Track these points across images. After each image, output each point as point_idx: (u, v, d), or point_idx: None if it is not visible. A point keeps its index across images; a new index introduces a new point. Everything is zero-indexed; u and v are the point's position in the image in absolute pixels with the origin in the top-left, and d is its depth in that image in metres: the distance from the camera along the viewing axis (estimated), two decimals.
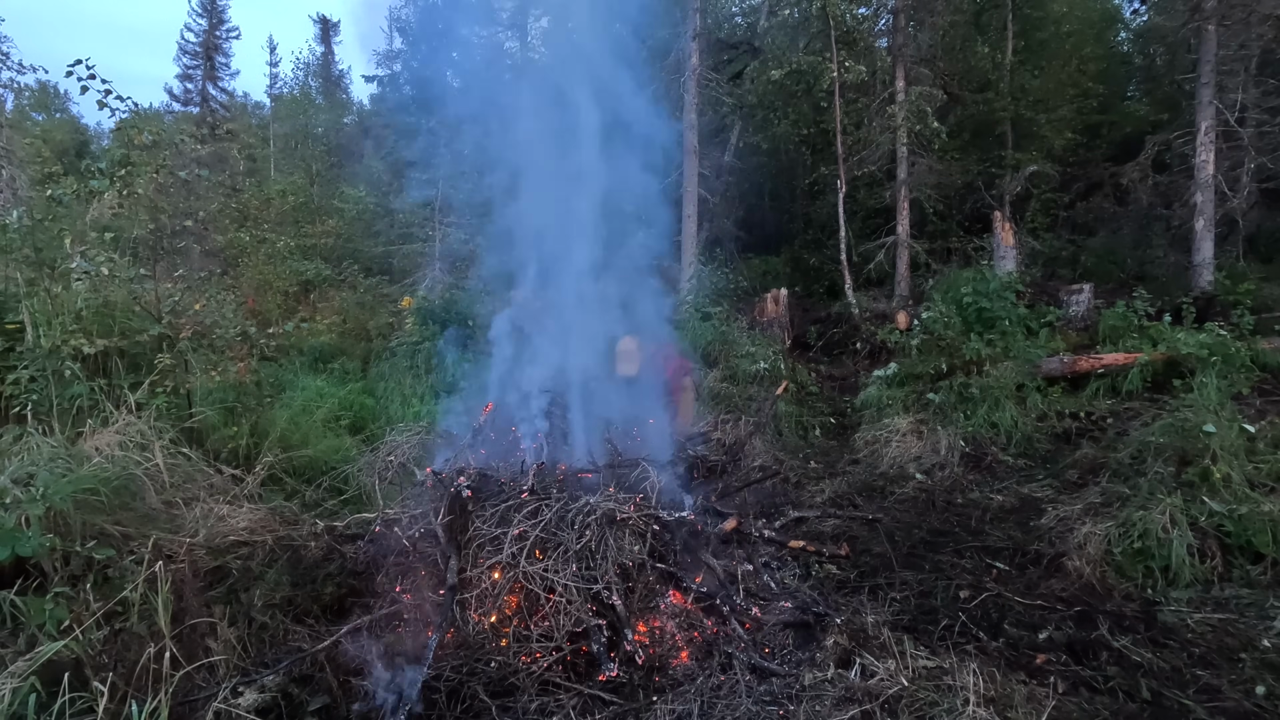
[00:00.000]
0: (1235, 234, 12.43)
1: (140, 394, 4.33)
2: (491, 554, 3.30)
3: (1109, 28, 18.25)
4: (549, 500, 3.51)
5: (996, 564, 4.10)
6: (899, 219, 12.94)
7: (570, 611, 3.08)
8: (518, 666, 2.92)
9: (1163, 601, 3.55)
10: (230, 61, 31.14)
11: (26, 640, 2.53)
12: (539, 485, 3.68)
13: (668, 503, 3.85)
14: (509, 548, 3.26)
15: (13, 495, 2.99)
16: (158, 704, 2.23)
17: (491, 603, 3.17)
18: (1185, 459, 4.48)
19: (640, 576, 3.31)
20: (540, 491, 3.62)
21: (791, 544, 3.77)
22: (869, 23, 14.15)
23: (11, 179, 13.24)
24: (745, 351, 8.25)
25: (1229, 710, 2.71)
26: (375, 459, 5.13)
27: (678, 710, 2.73)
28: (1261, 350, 6.69)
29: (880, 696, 2.63)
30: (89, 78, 4.91)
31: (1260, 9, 10.81)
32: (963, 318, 8.13)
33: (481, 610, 3.14)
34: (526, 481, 3.68)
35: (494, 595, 3.18)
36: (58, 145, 23.84)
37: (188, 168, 5.94)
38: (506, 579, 3.20)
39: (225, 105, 30.91)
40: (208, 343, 5.22)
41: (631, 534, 3.37)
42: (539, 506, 3.48)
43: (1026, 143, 14.40)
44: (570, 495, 3.56)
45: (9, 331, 4.33)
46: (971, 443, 6.09)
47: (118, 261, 4.94)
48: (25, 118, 28.44)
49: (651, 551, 3.42)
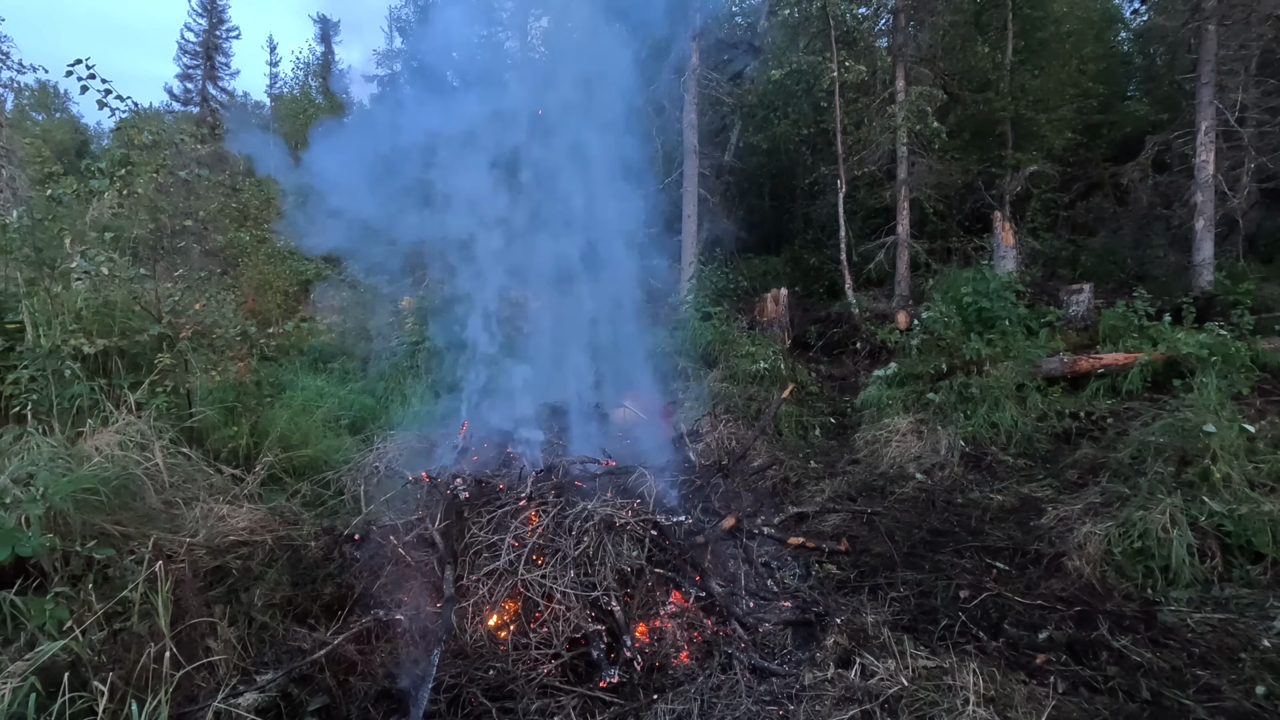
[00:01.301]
0: (1235, 234, 12.42)
1: (140, 394, 4.33)
2: (489, 560, 3.29)
3: (1109, 27, 18.25)
4: (546, 506, 3.50)
5: (996, 564, 4.10)
6: (899, 219, 12.94)
7: (569, 618, 3.06)
8: (517, 674, 2.91)
9: (1163, 601, 3.55)
10: (230, 61, 31.18)
11: (27, 640, 2.53)
12: (536, 492, 3.66)
13: (667, 506, 3.83)
14: (506, 555, 3.25)
15: (13, 495, 2.99)
16: (158, 704, 2.23)
17: (490, 610, 3.16)
18: (1185, 459, 4.48)
19: (639, 582, 3.30)
20: (538, 498, 3.60)
21: (790, 540, 3.77)
22: (869, 22, 14.14)
23: (11, 179, 13.23)
24: (745, 351, 8.25)
25: (1229, 710, 2.71)
26: (364, 461, 5.12)
27: (678, 710, 2.73)
28: (1261, 350, 6.69)
29: (880, 696, 2.63)
30: (89, 77, 4.91)
31: (1260, 9, 10.81)
32: (963, 318, 8.13)
33: (479, 618, 3.13)
34: (525, 488, 3.66)
35: (492, 603, 3.17)
36: (58, 145, 23.84)
37: (188, 167, 5.93)
38: (504, 586, 3.18)
39: (225, 105, 30.90)
40: (208, 342, 5.22)
41: (630, 539, 3.35)
42: (537, 512, 3.47)
43: (1026, 143, 14.39)
44: (568, 501, 3.53)
45: (9, 331, 4.32)
46: (971, 443, 6.09)
47: (118, 261, 4.94)
48: (25, 117, 28.43)
49: (650, 556, 3.41)
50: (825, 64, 12.47)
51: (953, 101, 13.75)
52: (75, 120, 32.23)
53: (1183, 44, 12.99)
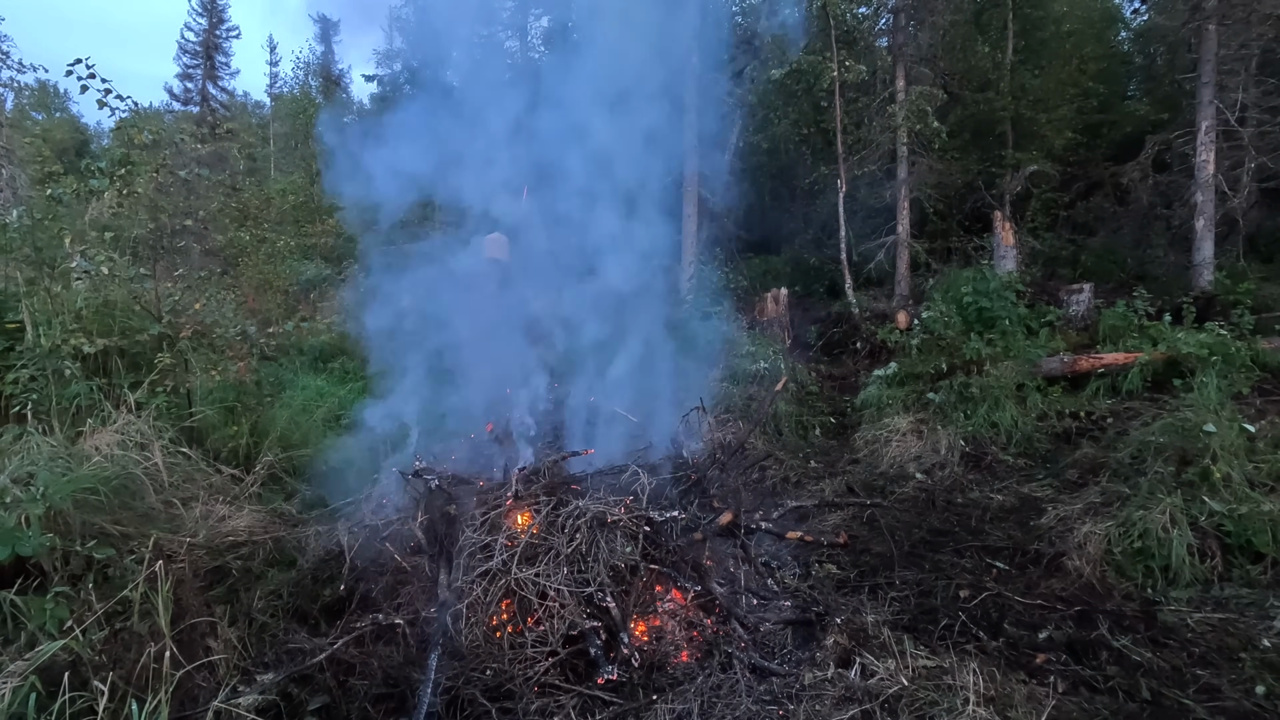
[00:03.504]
0: (1235, 233, 12.40)
1: (140, 393, 4.33)
2: (482, 561, 3.28)
3: (1109, 27, 18.23)
4: (539, 505, 3.48)
5: (996, 563, 4.10)
6: (899, 219, 12.93)
7: (564, 615, 3.06)
8: (514, 673, 2.90)
9: (1163, 601, 3.54)
10: (230, 61, 31.18)
11: (27, 640, 2.53)
12: (525, 491, 3.64)
13: (663, 502, 3.81)
14: (499, 555, 3.24)
15: (13, 495, 2.99)
16: (158, 704, 2.23)
17: (484, 611, 3.14)
18: (1185, 459, 4.47)
19: (635, 578, 3.28)
20: (528, 496, 3.59)
21: (789, 534, 3.75)
22: (869, 22, 14.13)
23: (11, 178, 13.23)
24: (745, 351, 8.25)
25: (1229, 710, 2.71)
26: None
27: (678, 710, 2.72)
28: (1261, 350, 6.68)
29: (880, 696, 2.63)
30: (89, 77, 4.92)
31: (1260, 8, 10.79)
32: (963, 317, 8.13)
33: (475, 620, 3.12)
34: (510, 487, 3.65)
35: (486, 604, 3.16)
36: (57, 144, 23.82)
37: (188, 167, 5.94)
38: (498, 586, 3.17)
39: (225, 105, 30.91)
40: (208, 342, 5.22)
41: (623, 535, 3.33)
42: (530, 511, 3.46)
43: (1027, 142, 14.39)
44: (560, 500, 3.52)
45: (9, 331, 4.32)
46: (971, 442, 6.09)
47: (118, 261, 4.94)
48: (25, 117, 28.42)
49: (645, 554, 3.38)
50: (825, 64, 12.47)
51: (953, 101, 13.75)
52: (75, 120, 32.21)
53: (1183, 44, 13.00)
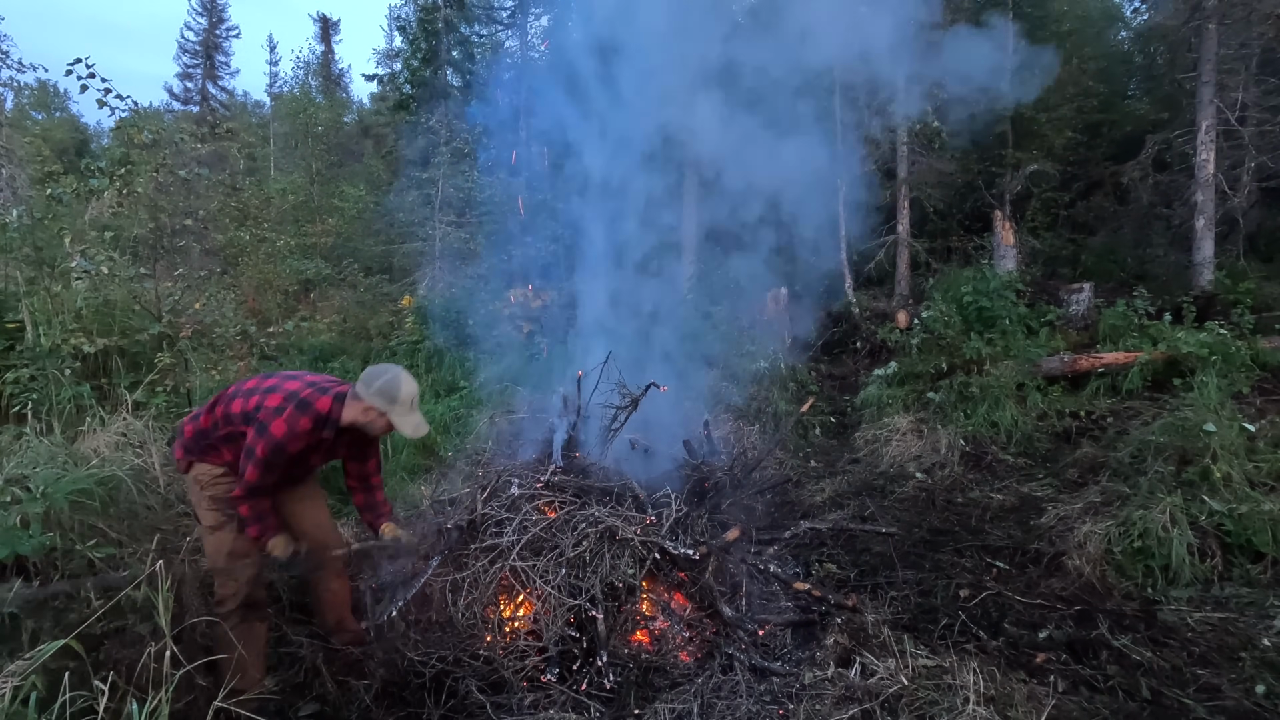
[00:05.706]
0: (1236, 233, 12.40)
1: (140, 393, 4.33)
2: (495, 536, 3.23)
3: (1109, 26, 18.22)
4: (563, 501, 3.41)
5: (996, 563, 4.10)
6: (899, 218, 12.92)
7: (557, 614, 3.02)
8: (505, 663, 2.89)
9: (1163, 600, 3.54)
10: (230, 60, 31.19)
11: (27, 639, 2.53)
12: (556, 482, 3.56)
13: (683, 530, 3.61)
14: (509, 535, 3.20)
15: (12, 495, 2.99)
16: (158, 703, 2.23)
17: (482, 590, 3.11)
18: (1185, 458, 4.47)
19: (629, 601, 3.17)
20: (558, 488, 3.52)
21: (796, 585, 3.72)
22: None
23: (11, 178, 13.22)
24: (745, 350, 8.24)
25: (1229, 709, 2.71)
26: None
27: (678, 710, 2.72)
28: (1262, 349, 6.68)
29: (880, 695, 2.63)
30: (89, 76, 4.92)
31: (1261, 8, 10.79)
32: (963, 317, 8.12)
33: (472, 596, 3.09)
34: (544, 474, 3.57)
35: (485, 583, 3.11)
36: (57, 144, 23.83)
37: (187, 167, 5.94)
38: (497, 568, 3.13)
39: (225, 104, 30.92)
40: (207, 342, 5.22)
41: (631, 556, 3.18)
42: (552, 503, 3.42)
43: (1027, 141, 14.37)
44: (583, 502, 3.41)
45: (9, 330, 4.33)
46: (971, 442, 6.09)
47: (117, 260, 4.94)
48: (25, 116, 28.41)
49: (650, 576, 3.26)
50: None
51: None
52: (75, 119, 32.21)
53: (1183, 43, 12.95)
